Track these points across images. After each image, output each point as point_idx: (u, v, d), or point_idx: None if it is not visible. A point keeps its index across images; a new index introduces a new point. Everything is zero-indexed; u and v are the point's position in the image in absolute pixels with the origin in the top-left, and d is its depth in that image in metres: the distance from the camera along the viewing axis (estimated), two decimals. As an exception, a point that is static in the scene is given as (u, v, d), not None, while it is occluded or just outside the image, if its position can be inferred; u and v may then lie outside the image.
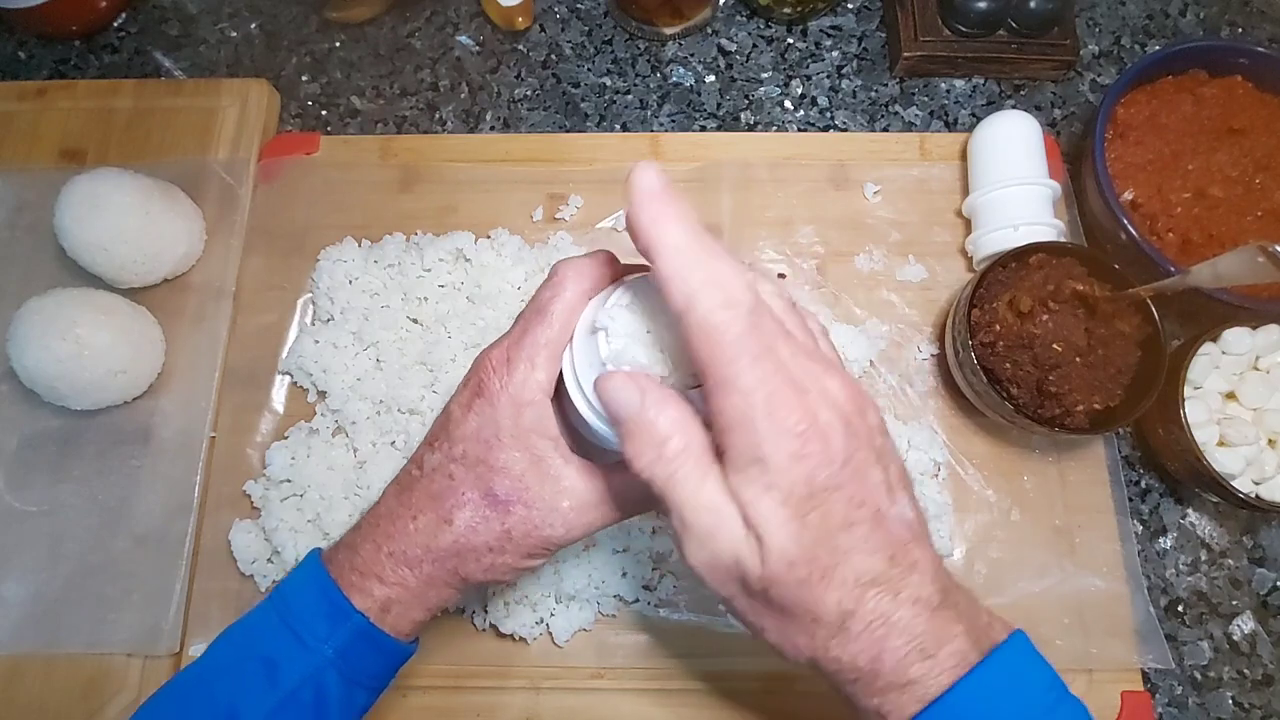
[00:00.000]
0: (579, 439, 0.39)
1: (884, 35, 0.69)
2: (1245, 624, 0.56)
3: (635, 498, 0.38)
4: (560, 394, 0.38)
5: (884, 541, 0.32)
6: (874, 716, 0.33)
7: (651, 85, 0.69)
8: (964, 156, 0.62)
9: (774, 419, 0.31)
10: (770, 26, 0.70)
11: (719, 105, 0.68)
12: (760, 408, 0.31)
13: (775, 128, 0.67)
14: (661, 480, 0.33)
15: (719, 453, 0.32)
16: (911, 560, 0.32)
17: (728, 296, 0.31)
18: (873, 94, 0.68)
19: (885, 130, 0.67)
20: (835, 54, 0.69)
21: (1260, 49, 0.59)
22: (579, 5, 0.71)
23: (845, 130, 0.67)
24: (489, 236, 0.61)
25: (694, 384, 0.35)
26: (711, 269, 0.31)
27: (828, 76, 0.68)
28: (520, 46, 0.70)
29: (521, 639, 0.53)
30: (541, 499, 0.37)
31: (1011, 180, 0.57)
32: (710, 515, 0.32)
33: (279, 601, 0.40)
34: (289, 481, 0.56)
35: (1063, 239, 0.57)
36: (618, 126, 0.67)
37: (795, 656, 0.34)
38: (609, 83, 0.69)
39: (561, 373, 0.38)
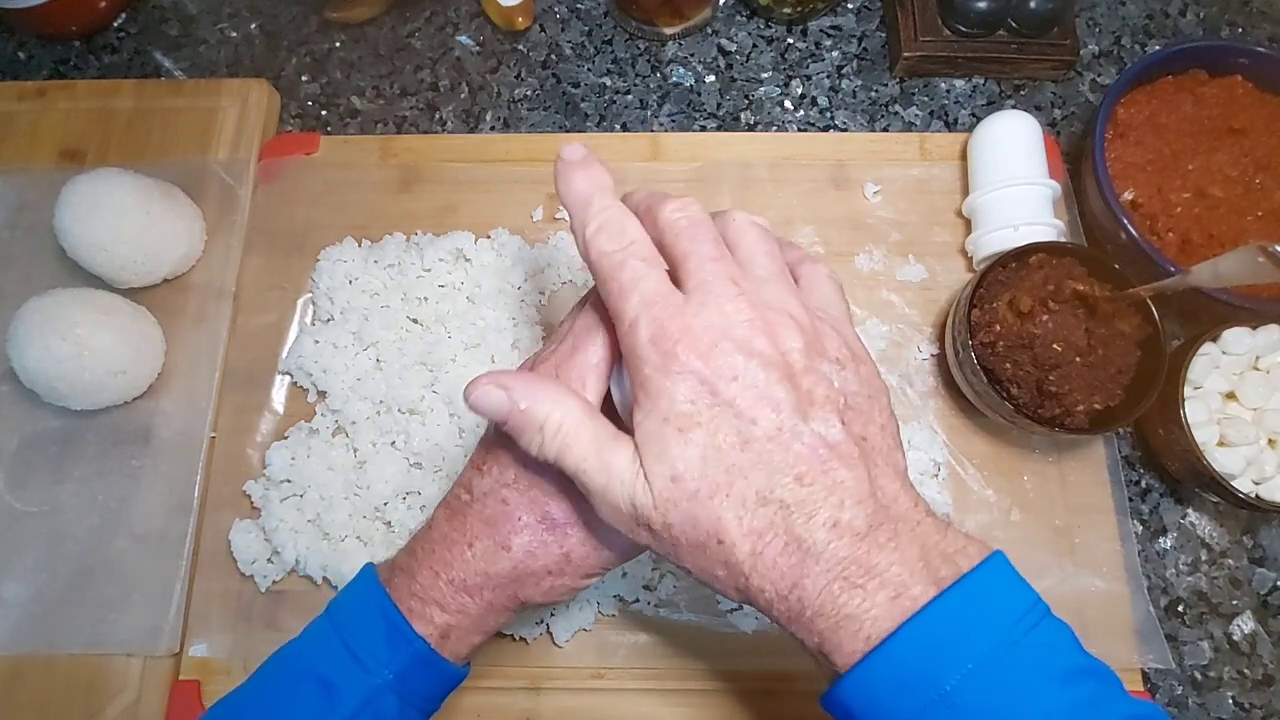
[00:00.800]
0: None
1: (884, 35, 0.69)
2: (1245, 624, 0.56)
3: None
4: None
5: (789, 460, 0.30)
6: (822, 660, 0.31)
7: (651, 85, 0.69)
8: (964, 156, 0.62)
9: (653, 342, 0.31)
10: (770, 26, 0.70)
11: (719, 105, 0.68)
12: (642, 332, 0.32)
13: (775, 128, 0.67)
14: (555, 457, 0.33)
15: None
16: (833, 482, 0.30)
17: (615, 236, 0.33)
18: (873, 94, 0.68)
19: (885, 130, 0.67)
20: (835, 54, 0.69)
21: (1260, 49, 0.59)
22: (579, 5, 0.71)
23: (845, 130, 0.67)
24: (489, 236, 0.61)
25: None
26: (605, 215, 0.34)
27: (828, 76, 0.68)
28: (520, 46, 0.70)
29: (521, 639, 0.53)
30: (598, 521, 0.36)
31: (1011, 180, 0.57)
32: (600, 469, 0.32)
33: (338, 621, 0.39)
34: (289, 481, 0.56)
35: (1063, 239, 0.57)
36: (618, 126, 0.67)
37: (726, 593, 0.33)
38: (609, 83, 0.69)
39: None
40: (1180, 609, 0.56)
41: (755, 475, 0.30)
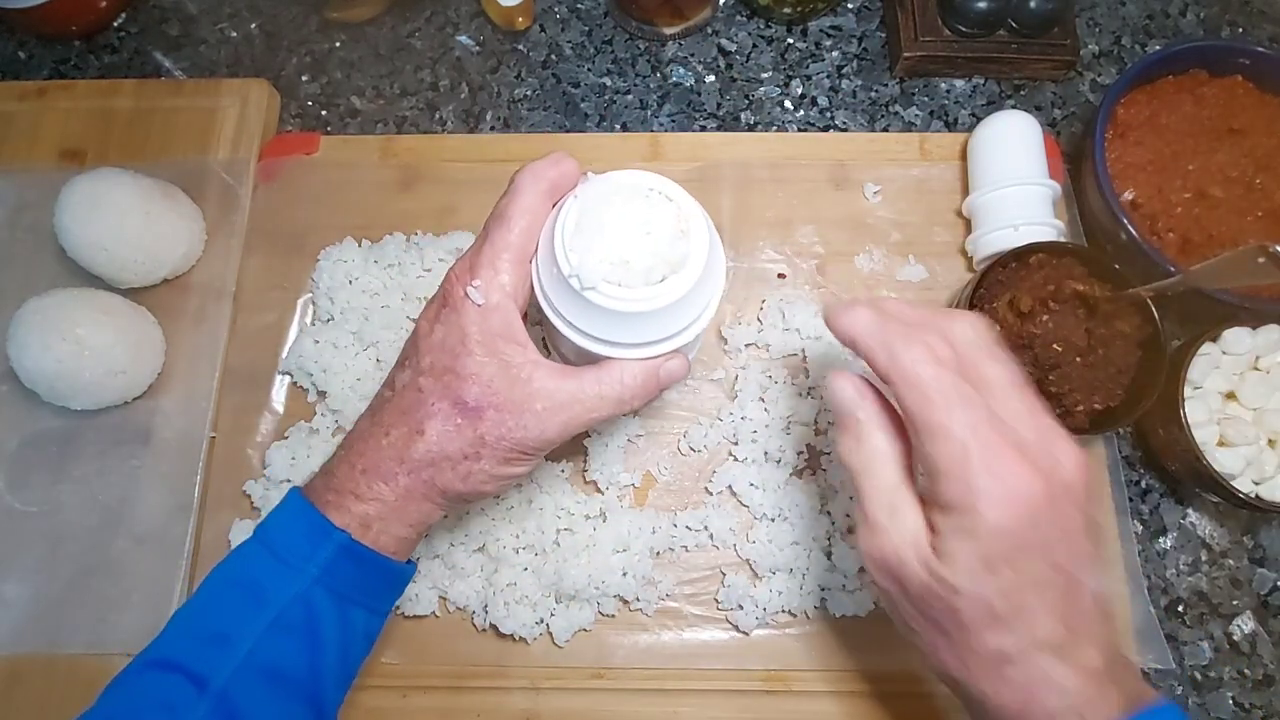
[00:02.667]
0: (549, 343, 0.40)
1: (884, 35, 0.69)
2: (1245, 624, 0.56)
3: (613, 396, 0.39)
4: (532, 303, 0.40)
5: (1070, 610, 0.34)
6: None
7: (651, 85, 0.69)
8: (964, 156, 0.62)
9: (991, 475, 0.33)
10: (770, 26, 0.70)
11: (719, 105, 0.68)
12: (976, 461, 0.33)
13: (775, 128, 0.67)
14: (856, 469, 0.37)
15: (930, 492, 0.35)
16: (1091, 631, 0.34)
17: (932, 354, 0.35)
18: (873, 94, 0.68)
19: (885, 130, 0.67)
20: (835, 54, 0.69)
21: (1260, 49, 0.59)
22: (579, 5, 0.71)
23: (845, 130, 0.67)
24: (489, 236, 0.61)
25: (658, 279, 0.37)
26: (904, 336, 0.36)
27: (828, 76, 0.68)
28: (520, 46, 0.70)
29: (521, 639, 0.53)
30: (513, 402, 0.38)
31: (1011, 180, 0.57)
32: (888, 514, 0.36)
33: (261, 534, 0.40)
34: (289, 481, 0.56)
35: (1063, 239, 0.57)
36: (618, 126, 0.67)
37: (937, 669, 0.37)
38: (609, 83, 0.69)
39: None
40: (1180, 609, 0.56)
41: (1039, 617, 0.34)
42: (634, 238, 0.37)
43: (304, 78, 0.70)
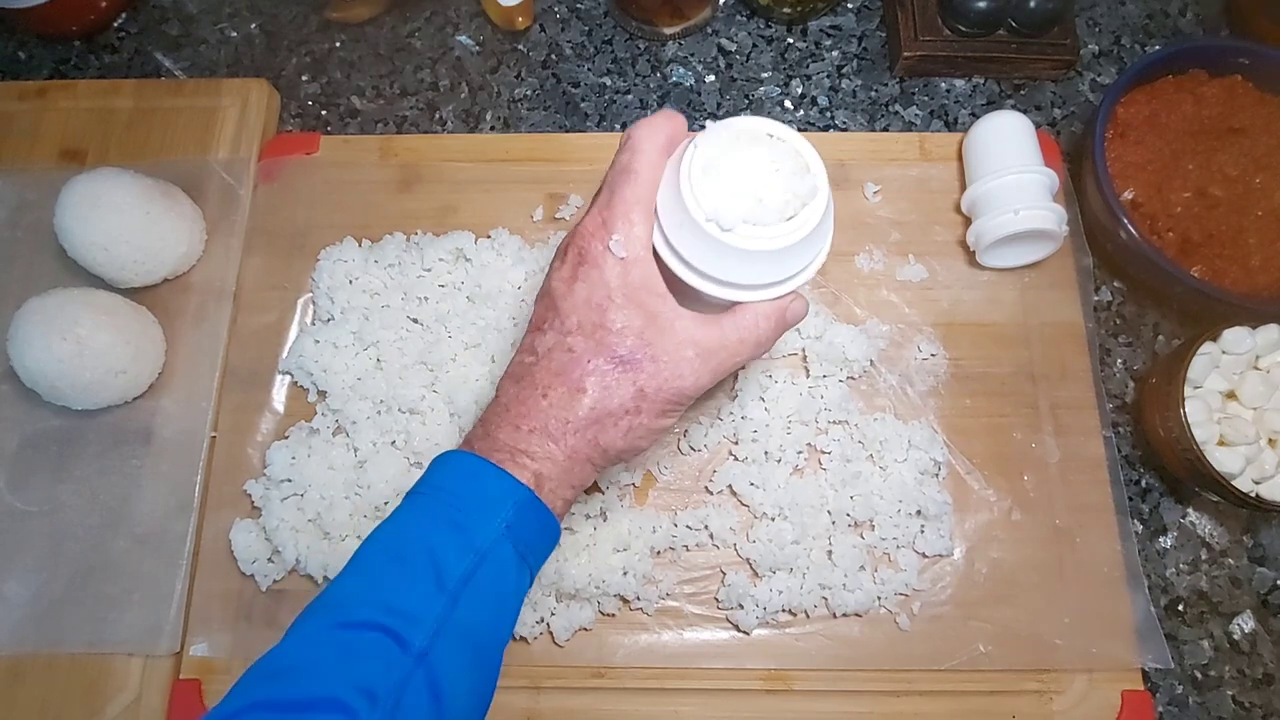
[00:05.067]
0: (677, 293, 0.40)
1: (884, 35, 0.69)
2: (1245, 623, 0.56)
3: (751, 339, 0.40)
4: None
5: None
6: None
7: (651, 85, 0.69)
8: (961, 157, 0.62)
9: None
10: (770, 26, 0.70)
11: (719, 105, 0.68)
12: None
13: (775, 127, 0.67)
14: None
15: None
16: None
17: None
18: (873, 94, 0.68)
19: (885, 130, 0.67)
20: (835, 54, 0.69)
21: (1260, 49, 0.59)
22: (579, 5, 0.71)
23: (845, 130, 0.67)
24: (489, 236, 0.61)
25: (790, 215, 0.38)
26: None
27: (828, 76, 0.68)
28: (520, 46, 0.70)
29: (522, 639, 0.53)
30: (666, 352, 0.38)
31: (1008, 169, 0.57)
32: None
33: (430, 492, 0.39)
34: (289, 481, 0.56)
35: (1064, 225, 0.57)
36: (618, 126, 0.67)
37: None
38: (609, 83, 0.69)
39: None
40: (1180, 608, 0.56)
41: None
42: (765, 176, 0.38)
43: (304, 78, 0.70)
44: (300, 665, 0.35)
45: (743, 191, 0.38)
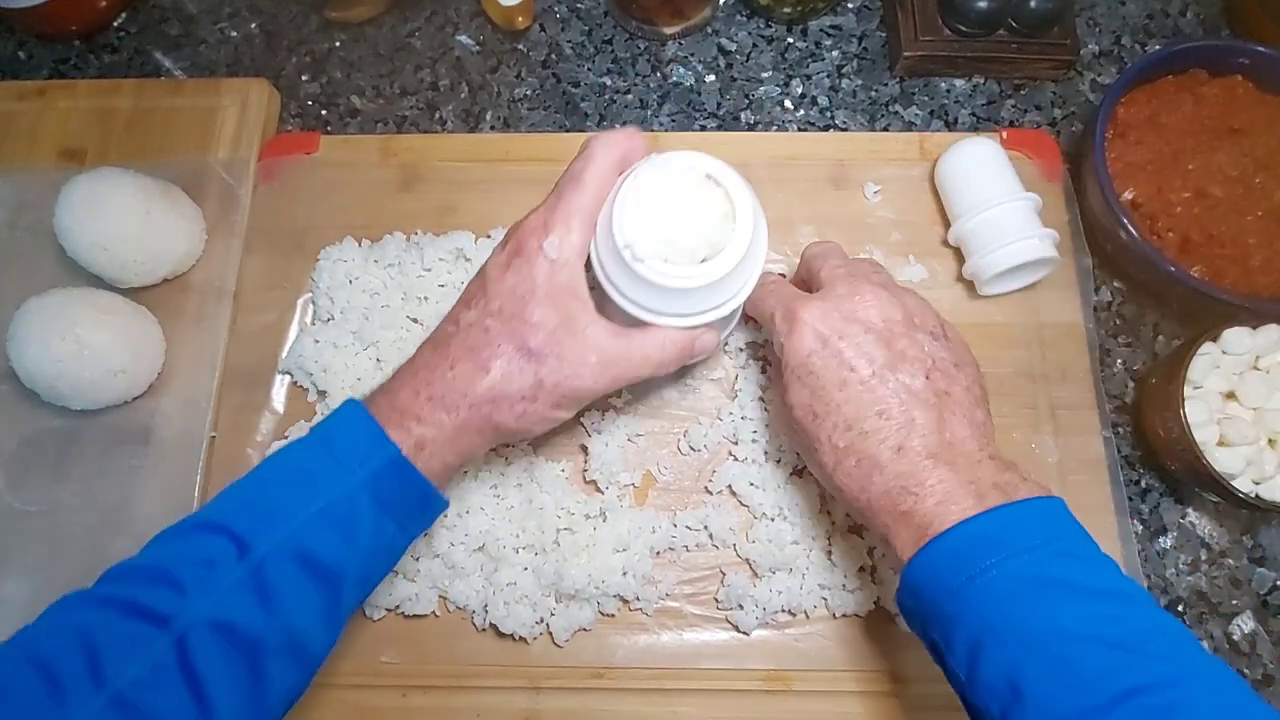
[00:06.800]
0: (600, 304, 0.43)
1: (884, 35, 0.69)
2: (1245, 624, 0.56)
3: (655, 359, 0.44)
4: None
5: (872, 400, 0.41)
6: (887, 547, 0.40)
7: (651, 85, 0.69)
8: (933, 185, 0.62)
9: (783, 318, 0.45)
10: (770, 26, 0.70)
11: (719, 105, 0.68)
12: (777, 316, 0.45)
13: (775, 127, 0.67)
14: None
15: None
16: (908, 419, 0.40)
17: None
18: (873, 94, 0.68)
19: (885, 130, 0.67)
20: (835, 54, 0.69)
21: (1260, 49, 0.59)
22: (579, 5, 0.71)
23: (845, 130, 0.67)
24: (489, 236, 0.61)
25: (700, 259, 0.42)
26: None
27: (828, 76, 0.68)
28: (520, 46, 0.70)
29: (521, 639, 0.53)
30: (572, 352, 0.41)
31: (993, 201, 0.56)
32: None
33: (320, 432, 0.42)
34: (289, 481, 0.56)
35: (1056, 248, 0.57)
36: (618, 126, 0.67)
37: (823, 479, 0.44)
38: (609, 82, 0.69)
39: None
40: (1180, 609, 0.56)
41: (847, 409, 0.42)
42: (684, 218, 0.41)
43: (304, 77, 0.70)
44: (150, 549, 0.41)
45: (659, 228, 0.41)
